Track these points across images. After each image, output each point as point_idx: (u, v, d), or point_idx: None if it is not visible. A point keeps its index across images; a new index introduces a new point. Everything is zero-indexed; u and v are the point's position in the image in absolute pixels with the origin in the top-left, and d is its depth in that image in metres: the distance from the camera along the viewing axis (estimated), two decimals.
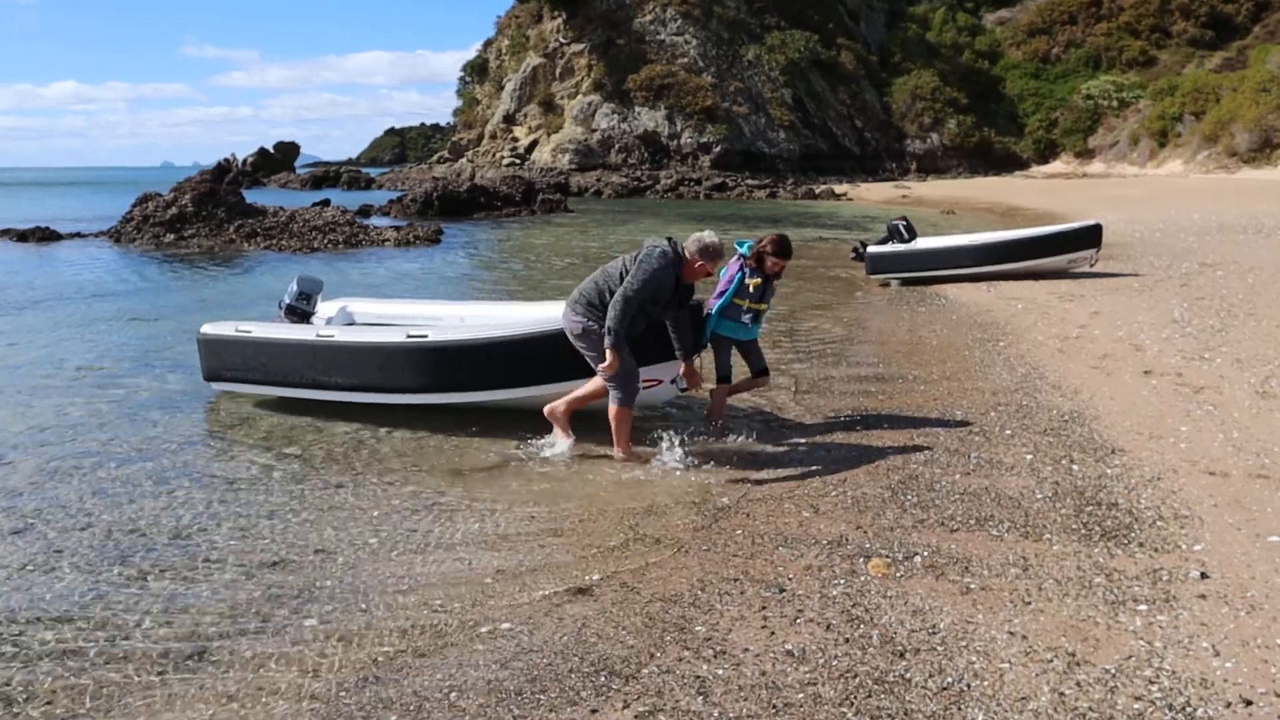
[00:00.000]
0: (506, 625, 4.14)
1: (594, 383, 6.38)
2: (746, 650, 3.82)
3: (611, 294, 6.11)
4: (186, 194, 23.39)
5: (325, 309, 8.45)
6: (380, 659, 3.89)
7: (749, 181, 57.13)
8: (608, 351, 5.98)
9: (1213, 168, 54.60)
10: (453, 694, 3.60)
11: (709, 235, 6.32)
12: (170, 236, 22.23)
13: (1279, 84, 53.23)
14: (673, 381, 6.68)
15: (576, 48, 67.62)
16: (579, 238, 26.35)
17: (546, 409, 6.58)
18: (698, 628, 4.03)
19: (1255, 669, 3.44)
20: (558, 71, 68.35)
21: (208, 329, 7.83)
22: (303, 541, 5.07)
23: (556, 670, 3.74)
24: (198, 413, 7.73)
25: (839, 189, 54.41)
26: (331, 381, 7.24)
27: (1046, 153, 71.65)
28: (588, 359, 6.32)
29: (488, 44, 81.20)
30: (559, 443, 6.51)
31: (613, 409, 6.28)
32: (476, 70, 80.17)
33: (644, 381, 6.56)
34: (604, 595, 4.41)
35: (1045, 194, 42.86)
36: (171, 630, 4.12)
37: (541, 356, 6.68)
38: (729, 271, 6.82)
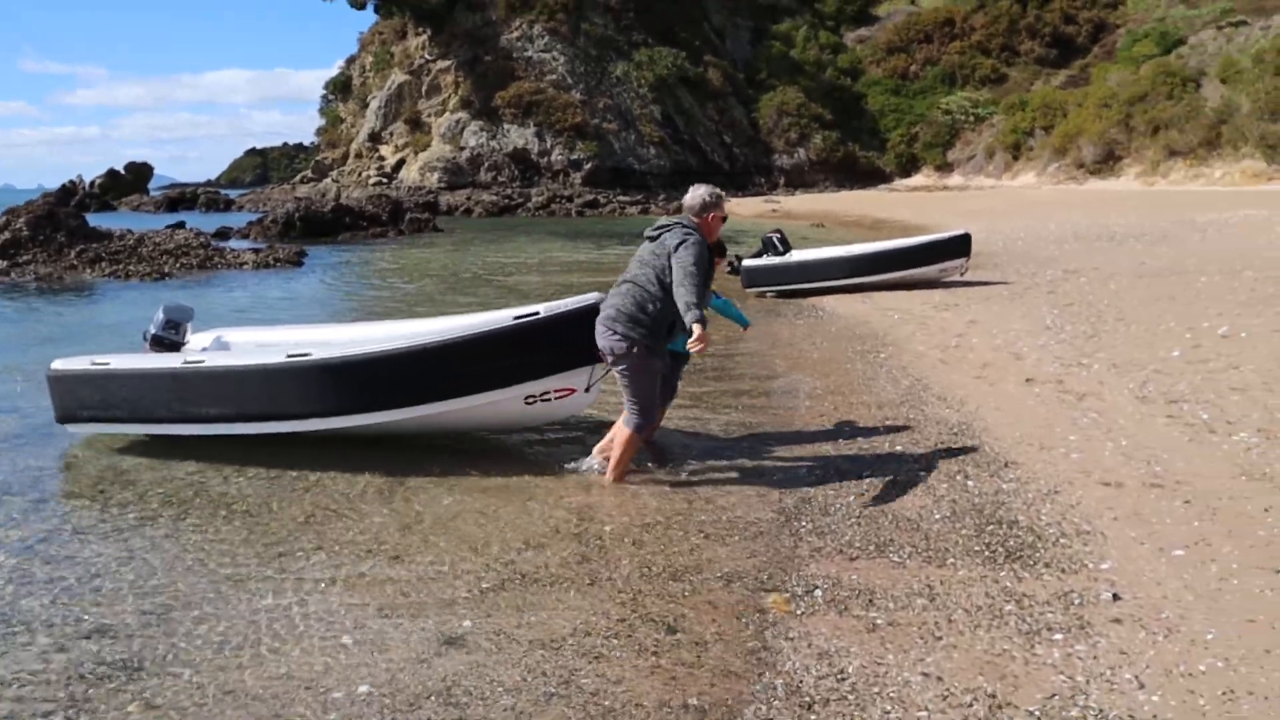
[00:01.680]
0: (364, 689, 3.64)
1: (618, 431, 5.92)
2: (640, 705, 3.42)
3: (655, 301, 5.58)
4: (20, 217, 21.79)
5: (198, 340, 7.67)
6: None
7: (621, 198, 57.07)
8: (695, 326, 5.18)
9: (1063, 179, 56.94)
10: None
11: (699, 188, 5.97)
12: (2, 264, 20.67)
13: (1119, 100, 55.85)
14: (587, 389, 6.21)
15: (443, 64, 66.58)
16: (449, 257, 25.66)
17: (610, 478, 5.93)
18: (584, 680, 3.61)
19: (1183, 701, 3.20)
20: (424, 89, 67.15)
21: (59, 365, 6.93)
22: (130, 605, 4.40)
23: None
24: (19, 457, 6.90)
25: None
26: (204, 413, 6.51)
27: (908, 166, 73.69)
28: (621, 382, 5.76)
29: (351, 61, 79.28)
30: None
31: (625, 433, 5.80)
32: (340, 87, 78.20)
33: (556, 391, 6.12)
34: (478, 646, 3.94)
35: (909, 206, 43.92)
36: None
37: (451, 367, 6.13)
38: None
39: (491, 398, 6.21)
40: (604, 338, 5.71)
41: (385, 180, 63.03)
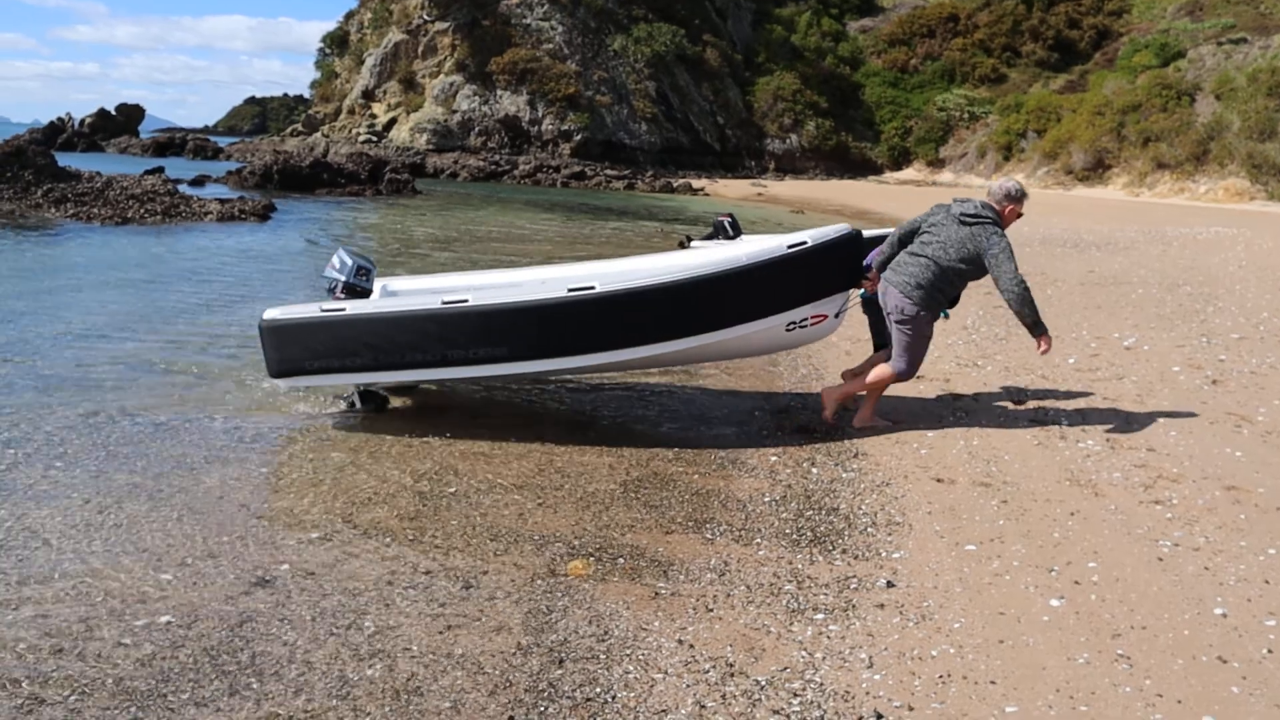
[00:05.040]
0: (166, 619, 3.86)
1: (880, 370, 6.55)
2: (408, 650, 3.64)
3: (951, 284, 6.34)
4: None
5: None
6: (8, 659, 3.54)
7: (608, 171, 56.99)
8: (1042, 341, 6.24)
9: (1051, 183, 57.13)
10: (72, 698, 3.31)
11: (1009, 180, 6.57)
12: None
13: (1113, 109, 56.00)
14: (837, 315, 6.62)
15: (440, 26, 66.20)
16: (415, 221, 25.73)
17: (841, 391, 6.76)
18: (367, 623, 3.85)
19: (900, 681, 3.42)
20: (420, 49, 66.79)
21: (276, 314, 6.49)
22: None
23: (199, 669, 3.49)
24: None
25: (697, 184, 54.82)
26: (471, 355, 6.30)
27: (900, 160, 73.78)
28: (900, 339, 6.42)
29: (350, 16, 78.66)
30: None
31: (888, 372, 6.48)
32: (337, 42, 77.60)
33: (813, 317, 6.49)
34: (285, 588, 4.18)
35: (895, 199, 44.09)
36: None
37: (739, 294, 6.29)
38: None
39: (766, 324, 6.45)
40: (897, 299, 6.32)
41: (375, 139, 62.78)
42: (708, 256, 6.81)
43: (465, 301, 6.27)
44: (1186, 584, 4.23)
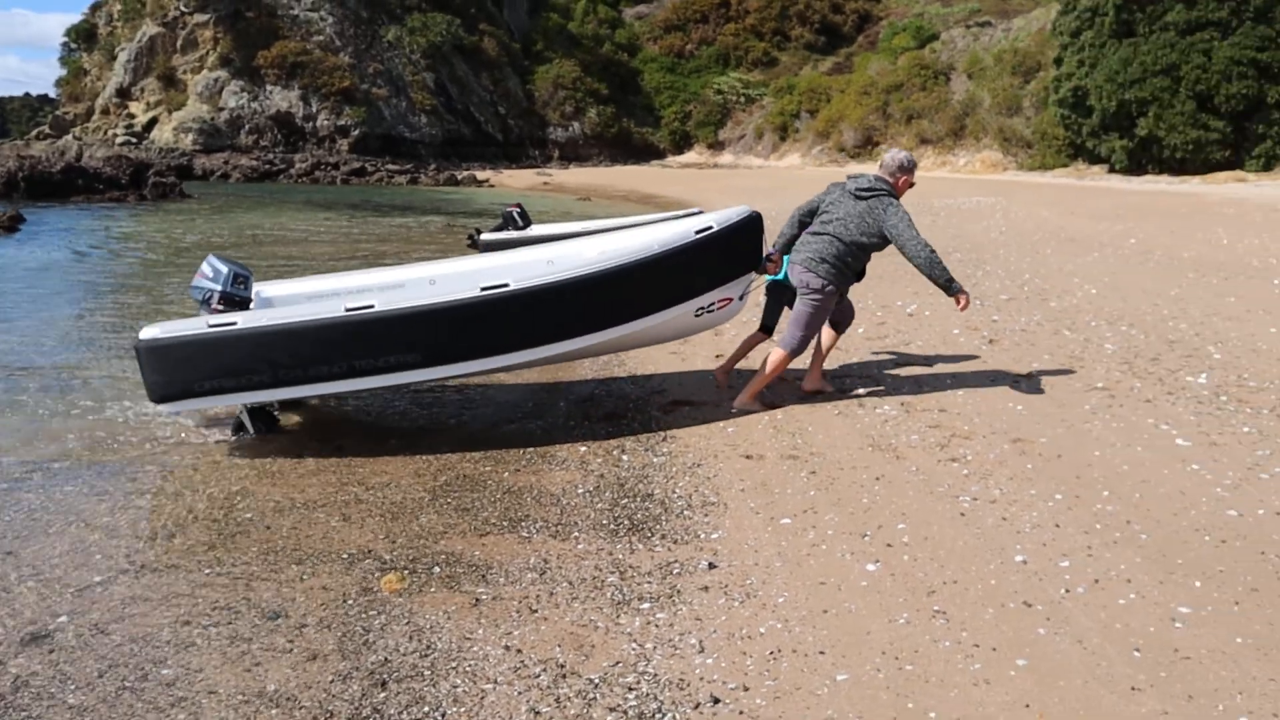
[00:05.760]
0: None
1: (775, 355, 6.50)
2: (214, 694, 3.34)
3: (855, 256, 6.32)
4: None
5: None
6: None
7: (389, 166, 55.59)
8: (961, 296, 6.11)
9: (825, 161, 59.67)
10: None
11: (900, 152, 6.54)
12: None
13: (878, 89, 58.97)
14: (740, 298, 6.56)
15: (200, 18, 62.70)
16: (184, 226, 24.30)
17: (740, 401, 6.67)
18: (165, 671, 3.51)
19: (732, 662, 3.41)
20: (179, 43, 63.06)
21: (155, 333, 5.74)
22: None
23: None
24: None
25: (482, 175, 54.28)
26: (381, 364, 5.81)
27: (682, 144, 75.50)
28: (803, 311, 6.42)
29: (96, 7, 73.41)
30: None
31: (781, 354, 6.46)
32: (84, 36, 72.25)
33: (719, 301, 6.43)
34: (65, 643, 3.75)
35: (680, 183, 44.92)
36: None
37: (660, 281, 6.15)
38: None
39: (678, 311, 6.28)
40: (805, 274, 6.35)
41: (135, 140, 58.91)
42: (618, 246, 6.73)
43: (372, 307, 5.84)
44: (988, 535, 4.42)
